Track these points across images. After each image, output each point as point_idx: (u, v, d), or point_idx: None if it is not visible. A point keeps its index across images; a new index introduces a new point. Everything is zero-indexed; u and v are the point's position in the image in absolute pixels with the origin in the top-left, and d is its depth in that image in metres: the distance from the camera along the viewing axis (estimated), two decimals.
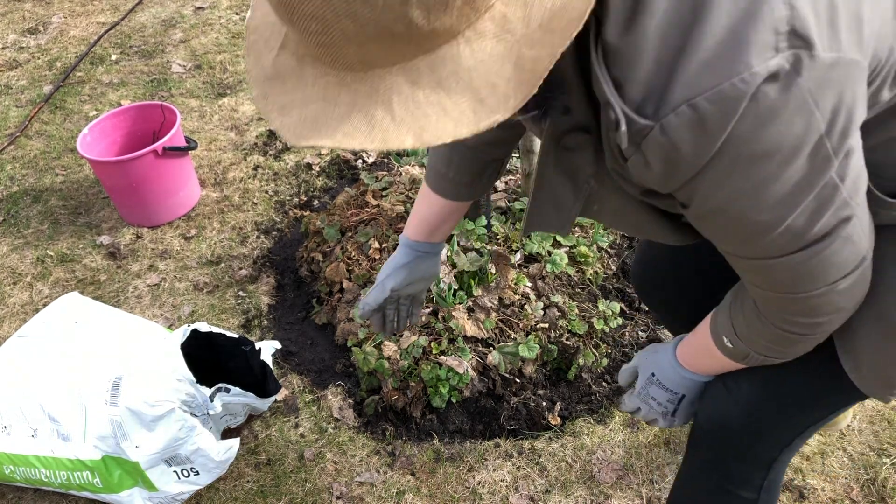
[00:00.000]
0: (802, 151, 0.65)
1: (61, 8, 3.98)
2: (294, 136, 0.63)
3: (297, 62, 0.63)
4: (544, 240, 2.13)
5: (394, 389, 1.91)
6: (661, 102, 0.62)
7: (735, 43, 0.59)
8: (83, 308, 1.93)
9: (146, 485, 1.66)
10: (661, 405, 1.17)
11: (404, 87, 0.59)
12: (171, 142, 2.42)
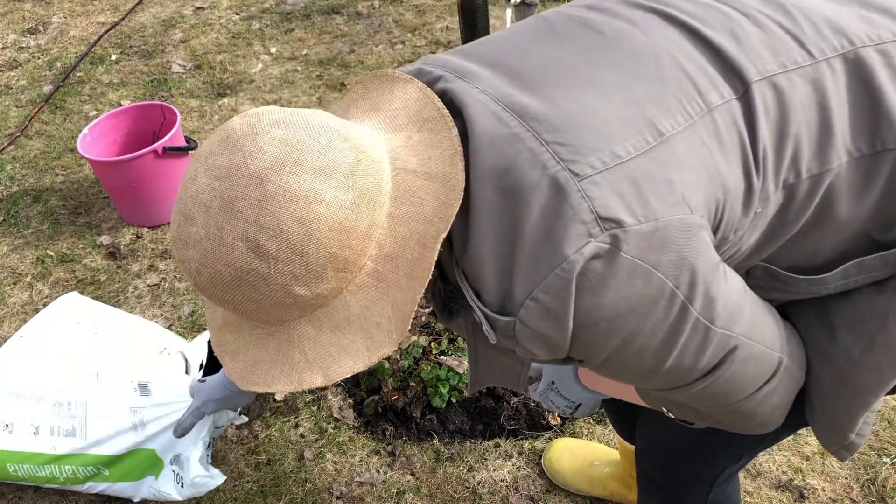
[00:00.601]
0: (657, 304, 0.71)
1: (61, 8, 3.98)
2: (242, 381, 0.80)
3: (237, 317, 0.82)
4: None
5: (394, 389, 1.91)
6: (512, 301, 0.72)
7: (549, 241, 0.68)
8: (83, 308, 1.92)
9: (156, 472, 1.67)
10: (559, 408, 1.29)
11: (311, 331, 0.76)
12: (171, 142, 2.42)
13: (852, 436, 0.88)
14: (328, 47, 3.53)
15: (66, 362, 1.76)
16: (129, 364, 1.74)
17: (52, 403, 1.70)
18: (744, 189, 0.74)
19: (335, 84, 3.27)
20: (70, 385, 1.71)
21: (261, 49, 3.55)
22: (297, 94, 3.21)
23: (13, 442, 1.69)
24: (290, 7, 3.88)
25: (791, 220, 0.77)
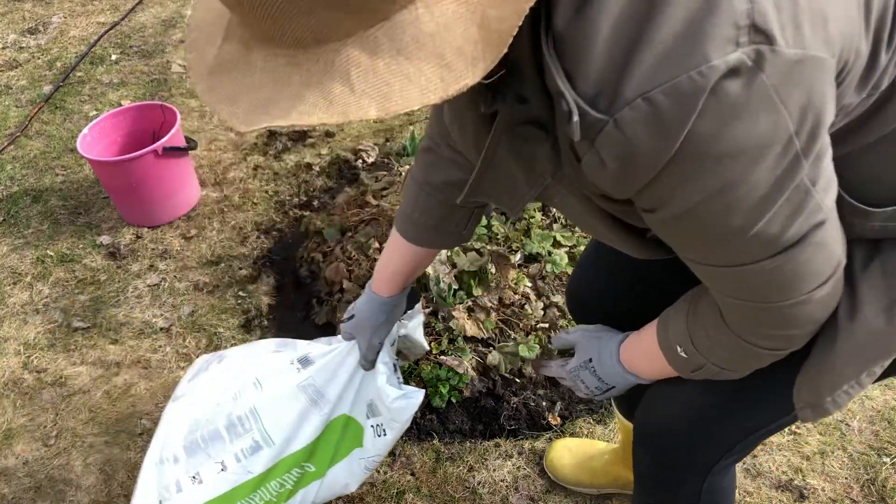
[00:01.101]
0: (771, 151, 0.63)
1: (61, 8, 3.98)
2: (245, 122, 0.59)
3: (243, 49, 0.60)
4: (544, 240, 2.13)
5: None
6: (614, 96, 0.60)
7: (692, 35, 0.57)
8: (216, 356, 1.74)
9: (359, 439, 1.50)
10: (589, 389, 1.16)
11: (362, 58, 0.56)
12: (171, 142, 2.42)
13: (828, 399, 0.85)
14: None
15: (222, 390, 1.57)
16: (280, 358, 1.56)
17: (225, 430, 1.51)
18: (867, 61, 0.67)
19: None
20: (234, 404, 1.53)
21: None
22: None
23: (209, 489, 1.48)
24: None
25: (879, 123, 0.71)
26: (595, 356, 1.13)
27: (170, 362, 2.10)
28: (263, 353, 1.62)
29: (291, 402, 1.46)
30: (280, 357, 1.55)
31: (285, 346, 1.60)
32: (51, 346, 2.17)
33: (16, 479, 1.84)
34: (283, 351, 1.57)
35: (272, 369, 1.53)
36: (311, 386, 1.45)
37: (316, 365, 1.47)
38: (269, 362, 1.56)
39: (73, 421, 1.96)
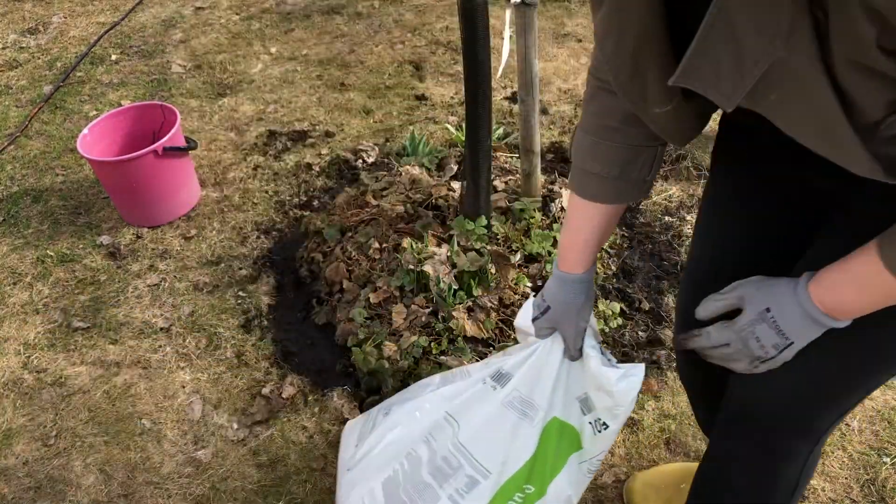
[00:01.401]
0: None
1: (61, 8, 3.98)
2: None
3: None
4: (544, 240, 2.13)
5: (394, 390, 1.91)
6: None
7: None
8: (384, 409, 1.62)
9: (575, 444, 1.32)
10: (763, 349, 0.97)
11: None
12: (171, 142, 2.42)
13: None
14: (328, 47, 3.53)
15: (409, 441, 1.44)
16: (466, 384, 1.42)
17: (431, 476, 1.37)
18: None
19: (335, 84, 3.26)
20: (430, 448, 1.39)
21: (261, 49, 3.54)
22: (297, 93, 3.21)
23: None
24: (290, 7, 3.88)
25: None
26: (774, 304, 0.95)
27: (170, 362, 2.10)
28: (436, 388, 1.49)
29: (499, 422, 1.32)
30: (465, 384, 1.41)
31: (460, 374, 1.48)
32: (51, 346, 2.17)
33: (16, 479, 1.84)
34: (460, 379, 1.44)
35: (463, 399, 1.39)
36: (516, 399, 1.31)
37: (517, 375, 1.32)
38: (454, 393, 1.42)
39: (73, 421, 1.96)
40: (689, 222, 2.46)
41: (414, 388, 1.57)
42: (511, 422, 1.30)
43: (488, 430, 1.32)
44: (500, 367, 1.35)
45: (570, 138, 1.07)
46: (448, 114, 3.04)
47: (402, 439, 1.43)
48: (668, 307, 2.18)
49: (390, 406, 1.55)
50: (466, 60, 1.80)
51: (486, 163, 2.01)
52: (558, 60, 3.33)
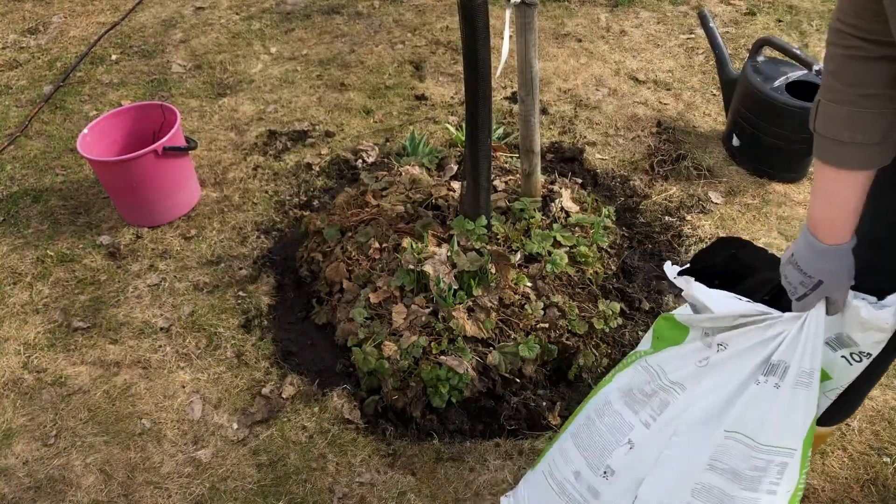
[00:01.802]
0: None
1: (61, 8, 3.98)
2: None
3: None
4: (544, 240, 2.13)
5: (394, 389, 1.91)
6: None
7: None
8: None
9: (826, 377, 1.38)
10: (794, 287, 1.22)
11: None
12: (171, 142, 2.42)
13: None
14: (328, 47, 3.53)
15: (689, 479, 1.39)
16: (735, 383, 1.38)
17: (743, 489, 1.35)
18: None
19: (335, 84, 3.26)
20: (722, 470, 1.36)
21: (261, 49, 3.54)
22: (297, 94, 3.21)
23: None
24: (290, 7, 3.88)
25: None
26: (795, 249, 1.20)
27: (170, 362, 2.10)
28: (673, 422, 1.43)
29: (790, 406, 1.32)
30: (733, 383, 1.38)
31: (661, 394, 1.45)
32: (51, 346, 2.17)
33: (16, 479, 1.84)
34: (723, 385, 1.39)
35: (741, 410, 1.36)
36: (802, 378, 1.31)
37: (794, 360, 1.31)
38: (717, 411, 1.38)
39: (73, 421, 1.96)
40: (689, 222, 2.47)
41: (597, 446, 1.52)
42: (801, 398, 1.33)
43: (783, 419, 1.33)
44: (770, 358, 1.33)
45: (812, 111, 1.12)
46: (448, 114, 3.04)
47: (676, 487, 1.39)
48: (667, 307, 2.18)
49: (607, 475, 1.49)
50: (466, 60, 1.80)
51: (486, 163, 2.01)
52: (558, 60, 3.33)
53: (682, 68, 3.25)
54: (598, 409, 1.53)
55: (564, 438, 1.56)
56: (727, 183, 2.62)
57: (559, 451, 1.55)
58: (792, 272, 1.27)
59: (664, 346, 1.54)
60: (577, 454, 1.51)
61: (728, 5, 3.69)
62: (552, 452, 1.57)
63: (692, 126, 2.90)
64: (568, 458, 1.52)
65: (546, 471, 1.55)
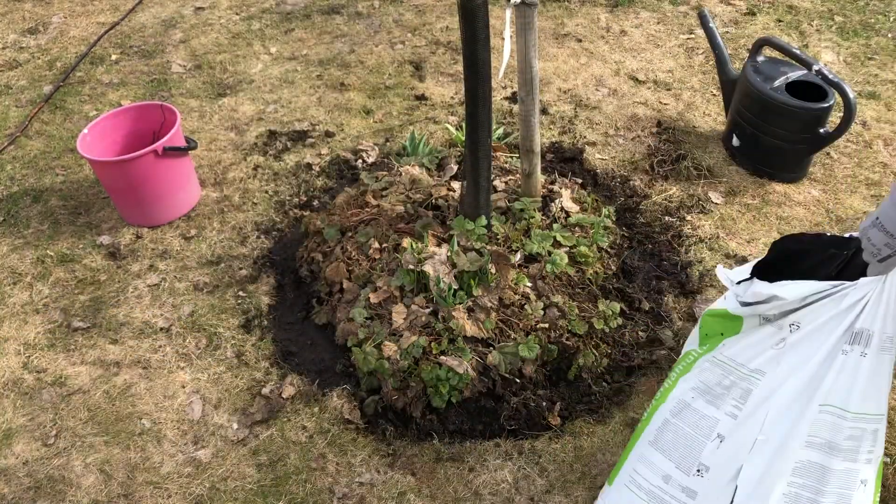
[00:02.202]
0: None
1: (61, 8, 3.98)
2: None
3: None
4: (544, 240, 2.13)
5: (394, 389, 1.91)
6: None
7: None
8: None
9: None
10: (877, 248, 1.31)
11: None
12: (171, 142, 2.42)
13: None
14: (328, 47, 3.53)
15: (789, 459, 1.42)
16: (821, 357, 1.42)
17: (842, 460, 1.39)
18: None
19: (335, 84, 3.26)
20: (820, 445, 1.40)
21: (261, 49, 3.54)
22: (297, 93, 3.21)
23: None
24: (290, 7, 3.88)
25: None
26: (881, 213, 1.28)
27: (170, 362, 2.10)
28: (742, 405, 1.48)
29: (877, 371, 1.37)
30: (818, 357, 1.41)
31: (746, 373, 1.49)
32: (51, 346, 2.17)
33: (16, 479, 1.84)
34: (806, 359, 1.43)
35: (833, 381, 1.39)
36: (886, 343, 1.37)
37: (876, 326, 1.36)
38: (802, 388, 1.42)
39: (73, 421, 1.96)
40: (689, 222, 2.47)
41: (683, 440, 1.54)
42: (886, 363, 1.38)
43: (871, 386, 1.37)
44: (854, 327, 1.38)
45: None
46: (448, 114, 3.04)
47: (777, 469, 1.41)
48: (667, 307, 2.18)
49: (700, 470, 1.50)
50: (466, 60, 1.80)
51: (486, 163, 2.01)
52: (558, 60, 3.33)
53: (682, 68, 3.25)
54: (675, 412, 1.56)
55: (641, 447, 1.57)
56: (727, 183, 2.62)
57: (639, 461, 1.56)
58: (876, 234, 1.35)
59: (719, 341, 1.58)
60: (663, 459, 1.54)
61: (728, 5, 3.69)
62: (630, 463, 1.58)
63: (692, 126, 2.90)
64: (652, 465, 1.53)
65: (627, 483, 1.56)
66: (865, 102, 2.96)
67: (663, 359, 2.02)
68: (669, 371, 1.73)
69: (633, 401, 1.94)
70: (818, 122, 2.44)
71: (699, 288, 2.22)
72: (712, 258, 2.32)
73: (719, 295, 2.18)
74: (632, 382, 1.98)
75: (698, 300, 2.19)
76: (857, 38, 3.37)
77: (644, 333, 2.09)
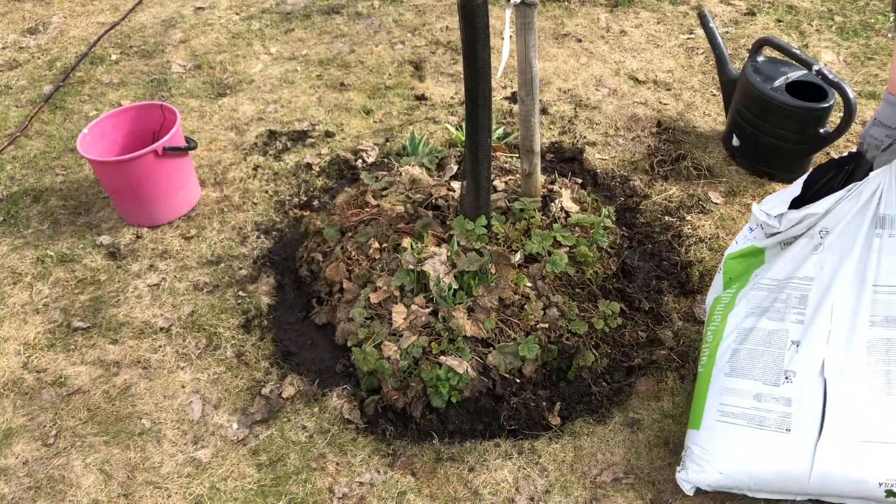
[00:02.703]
0: None
1: (61, 8, 3.98)
2: None
3: None
4: (544, 240, 2.13)
5: (394, 389, 1.91)
6: None
7: None
8: None
9: None
10: (878, 140, 1.59)
11: None
12: (171, 142, 2.42)
13: None
14: (328, 47, 3.53)
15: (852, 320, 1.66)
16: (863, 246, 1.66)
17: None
18: None
19: (335, 84, 3.26)
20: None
21: (261, 49, 3.54)
22: (297, 93, 3.21)
23: None
24: (290, 7, 3.88)
25: None
26: (879, 113, 1.57)
27: (170, 362, 2.10)
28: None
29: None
30: (856, 248, 1.65)
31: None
32: (51, 346, 2.17)
33: (16, 479, 1.84)
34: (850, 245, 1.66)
35: (876, 260, 1.63)
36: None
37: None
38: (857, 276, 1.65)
39: (73, 421, 1.96)
40: (689, 222, 2.47)
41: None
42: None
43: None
44: (883, 213, 1.61)
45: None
46: (448, 114, 3.04)
47: (853, 353, 1.62)
48: (667, 307, 2.18)
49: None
50: (466, 60, 1.80)
51: (486, 163, 2.01)
52: (558, 60, 3.34)
53: (682, 68, 3.25)
54: (741, 339, 1.74)
55: (718, 382, 1.73)
56: (727, 183, 2.62)
57: (722, 394, 1.72)
58: (877, 130, 1.64)
59: (749, 275, 1.81)
60: (747, 381, 1.70)
61: (728, 5, 3.69)
62: (712, 400, 1.72)
63: (692, 126, 2.90)
64: (738, 392, 1.70)
65: (717, 418, 1.70)
66: (865, 102, 2.96)
67: (663, 359, 2.02)
68: (706, 325, 1.90)
69: (633, 401, 1.94)
70: (818, 123, 2.44)
71: (699, 288, 2.22)
72: (712, 258, 2.32)
73: None
74: (632, 382, 1.98)
75: (698, 300, 2.19)
76: (857, 38, 3.37)
77: (644, 333, 2.09)
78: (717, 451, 1.66)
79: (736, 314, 1.77)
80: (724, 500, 1.72)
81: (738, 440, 1.65)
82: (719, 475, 1.65)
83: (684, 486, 1.71)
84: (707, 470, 1.66)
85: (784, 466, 1.60)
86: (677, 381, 1.97)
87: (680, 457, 1.75)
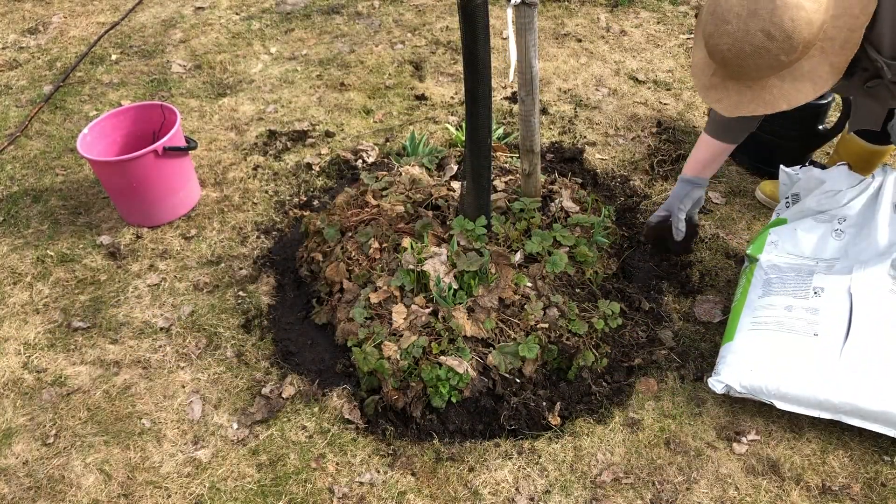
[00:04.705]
0: None
1: (61, 8, 3.98)
2: (728, 111, 1.63)
3: (721, 81, 1.63)
4: (544, 240, 2.13)
5: (394, 389, 1.91)
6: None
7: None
8: None
9: None
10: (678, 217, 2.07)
11: (777, 83, 1.55)
12: (171, 142, 2.42)
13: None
14: (328, 47, 3.53)
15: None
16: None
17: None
18: None
19: (335, 84, 3.26)
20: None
21: (261, 49, 3.54)
22: (297, 93, 3.21)
23: None
24: (290, 7, 3.88)
25: None
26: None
27: (170, 362, 2.10)
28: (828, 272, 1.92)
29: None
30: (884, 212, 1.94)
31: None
32: (51, 346, 2.17)
33: (16, 479, 1.84)
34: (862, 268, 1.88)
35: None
36: None
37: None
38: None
39: (73, 420, 1.97)
40: None
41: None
42: None
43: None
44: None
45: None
46: (448, 114, 3.04)
47: (876, 268, 1.85)
48: (667, 307, 2.18)
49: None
50: (466, 60, 1.80)
51: (486, 163, 2.01)
52: (558, 60, 3.34)
53: (682, 68, 3.25)
54: (773, 270, 1.98)
55: (752, 303, 1.93)
56: (727, 183, 2.62)
57: (755, 309, 1.91)
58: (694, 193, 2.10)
59: (766, 234, 2.08)
60: (778, 296, 1.90)
61: None
62: (746, 315, 1.92)
63: (692, 126, 2.90)
64: (771, 305, 1.88)
65: (749, 328, 1.88)
66: None
67: (663, 359, 2.02)
68: (740, 276, 2.14)
69: (633, 401, 1.94)
70: (816, 120, 2.44)
71: (699, 288, 2.22)
72: (712, 258, 2.32)
73: (720, 294, 2.18)
74: (632, 382, 1.98)
75: (698, 300, 2.19)
76: None
77: (644, 333, 2.09)
78: (749, 352, 1.82)
79: (768, 252, 2.03)
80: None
81: (769, 342, 1.81)
82: (750, 372, 1.79)
83: (716, 386, 1.83)
84: (739, 369, 1.80)
85: (811, 366, 1.74)
86: (677, 381, 1.97)
87: (677, 458, 1.75)
